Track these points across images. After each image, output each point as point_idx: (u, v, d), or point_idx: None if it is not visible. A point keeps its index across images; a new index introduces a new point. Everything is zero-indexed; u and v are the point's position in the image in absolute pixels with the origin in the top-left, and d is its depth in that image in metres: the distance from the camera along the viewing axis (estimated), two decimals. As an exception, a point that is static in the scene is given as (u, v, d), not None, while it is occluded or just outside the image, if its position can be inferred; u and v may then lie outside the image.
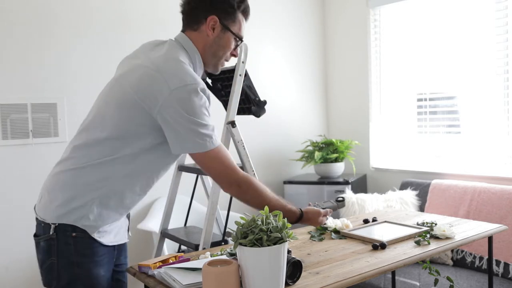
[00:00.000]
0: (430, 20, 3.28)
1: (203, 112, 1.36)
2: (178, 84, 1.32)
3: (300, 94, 3.82)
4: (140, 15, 2.93)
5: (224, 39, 1.51)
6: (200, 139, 1.36)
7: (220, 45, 1.51)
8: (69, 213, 1.38)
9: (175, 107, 1.32)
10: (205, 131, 1.36)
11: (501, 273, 2.50)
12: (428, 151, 3.37)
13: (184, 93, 1.32)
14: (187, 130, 1.34)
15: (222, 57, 1.55)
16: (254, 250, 1.13)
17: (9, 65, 2.50)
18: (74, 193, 1.38)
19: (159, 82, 1.33)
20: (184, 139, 1.35)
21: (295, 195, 3.42)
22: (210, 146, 1.38)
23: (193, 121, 1.34)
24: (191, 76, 1.36)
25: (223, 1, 1.48)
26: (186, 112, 1.33)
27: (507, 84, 2.92)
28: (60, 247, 1.37)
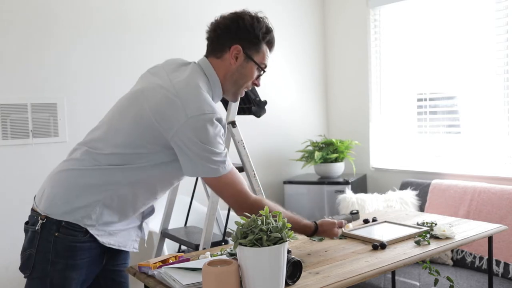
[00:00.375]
0: (430, 20, 3.28)
1: (217, 141, 1.39)
2: (196, 112, 1.35)
3: (300, 94, 3.82)
4: (140, 16, 2.93)
5: (246, 68, 1.52)
6: (213, 165, 1.38)
7: (242, 74, 1.52)
8: (74, 212, 1.41)
9: (189, 135, 1.35)
10: (218, 158, 1.39)
11: (501, 273, 2.50)
12: (428, 151, 3.37)
13: (200, 122, 1.35)
14: (200, 157, 1.37)
15: (243, 86, 1.56)
16: (254, 250, 1.13)
17: (9, 65, 2.50)
18: (79, 192, 1.42)
19: (177, 107, 1.36)
20: (196, 164, 1.38)
21: (295, 195, 3.42)
22: (222, 171, 1.40)
23: (206, 149, 1.37)
24: (209, 105, 1.38)
25: (248, 32, 1.49)
26: (200, 140, 1.35)
27: (507, 84, 2.92)
28: (41, 242, 1.42)
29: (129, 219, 1.55)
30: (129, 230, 1.57)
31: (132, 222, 1.57)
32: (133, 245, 1.60)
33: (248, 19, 1.50)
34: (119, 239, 1.52)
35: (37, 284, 1.44)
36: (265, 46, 1.54)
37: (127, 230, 1.56)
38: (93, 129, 1.57)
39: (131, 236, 1.58)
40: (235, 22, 1.49)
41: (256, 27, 1.50)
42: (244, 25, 1.49)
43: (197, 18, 3.17)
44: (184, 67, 1.52)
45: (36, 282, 1.44)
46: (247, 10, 1.53)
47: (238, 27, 1.49)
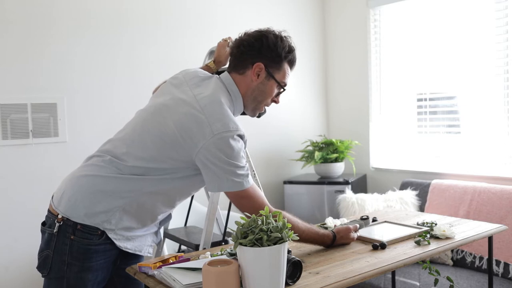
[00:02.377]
0: (430, 20, 3.28)
1: (240, 156, 1.42)
2: (222, 129, 1.38)
3: (300, 94, 3.82)
4: (140, 16, 2.93)
5: (267, 85, 1.56)
6: (237, 178, 1.41)
7: (262, 91, 1.56)
8: (95, 216, 1.45)
9: (215, 151, 1.38)
10: (241, 171, 1.42)
11: (501, 273, 2.50)
12: (428, 151, 3.37)
13: (225, 139, 1.38)
14: (225, 171, 1.40)
15: (262, 103, 1.59)
16: (254, 250, 1.13)
17: (9, 65, 2.50)
18: (101, 198, 1.45)
19: (203, 124, 1.39)
20: (221, 179, 1.41)
21: (295, 195, 3.42)
22: (246, 185, 1.43)
23: (231, 164, 1.40)
24: (233, 122, 1.42)
25: (271, 50, 1.52)
26: (225, 156, 1.39)
27: (507, 84, 2.92)
28: (57, 244, 1.45)
29: (147, 226, 1.58)
30: (146, 236, 1.60)
31: (150, 228, 1.60)
32: (148, 250, 1.63)
33: (272, 38, 1.53)
34: (136, 244, 1.56)
35: (54, 284, 1.46)
36: (287, 65, 1.58)
37: (144, 236, 1.59)
38: (113, 138, 1.58)
39: (147, 241, 1.62)
40: (259, 40, 1.53)
41: (279, 46, 1.53)
42: (267, 43, 1.52)
43: (197, 18, 3.17)
44: (206, 81, 1.55)
45: (53, 282, 1.47)
46: (271, 29, 1.57)
47: (261, 45, 1.52)
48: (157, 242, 1.69)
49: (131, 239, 1.53)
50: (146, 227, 1.57)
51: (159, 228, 1.69)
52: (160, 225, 1.68)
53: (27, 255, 2.51)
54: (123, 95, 2.83)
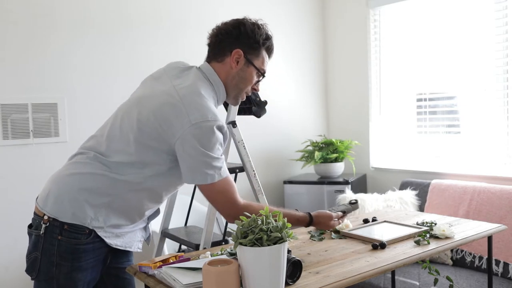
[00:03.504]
0: (430, 20, 3.28)
1: (217, 147, 1.42)
2: (199, 119, 1.38)
3: (300, 94, 3.82)
4: (141, 15, 2.93)
5: (246, 72, 1.56)
6: (210, 170, 1.41)
7: (242, 78, 1.56)
8: (83, 214, 1.44)
9: (192, 141, 1.38)
10: (215, 163, 1.42)
11: (501, 272, 2.51)
12: (427, 151, 3.37)
13: (202, 128, 1.38)
14: (198, 161, 1.40)
15: (243, 90, 1.59)
16: (254, 250, 1.13)
17: (9, 65, 2.50)
18: (87, 196, 1.45)
19: (181, 113, 1.39)
20: (195, 171, 1.41)
21: (295, 195, 3.42)
22: (217, 177, 1.43)
23: (205, 154, 1.40)
24: (212, 112, 1.41)
25: (249, 37, 1.53)
26: (201, 146, 1.39)
27: (507, 84, 2.92)
28: (45, 245, 1.44)
29: (135, 222, 1.58)
30: (135, 232, 1.61)
31: (138, 224, 1.61)
32: (137, 245, 1.63)
33: (250, 25, 1.54)
34: (126, 240, 1.56)
35: (44, 286, 1.46)
36: (265, 52, 1.58)
37: (133, 232, 1.59)
38: (96, 134, 1.58)
39: (136, 237, 1.62)
40: (237, 28, 1.54)
41: (256, 33, 1.54)
42: (245, 30, 1.53)
43: (198, 18, 3.17)
44: (186, 72, 1.55)
45: (43, 284, 1.46)
46: (248, 17, 1.58)
47: (239, 33, 1.53)
48: (146, 237, 1.69)
49: (121, 236, 1.53)
50: (134, 224, 1.57)
51: (148, 223, 1.69)
52: (148, 220, 1.68)
53: (28, 255, 2.51)
54: (123, 95, 2.81)
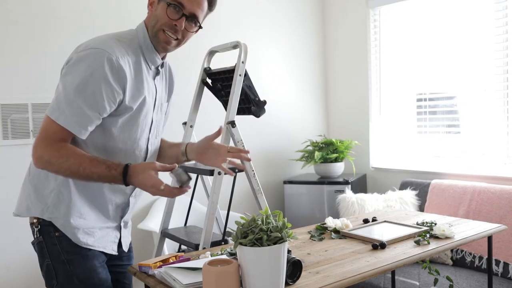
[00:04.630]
0: (430, 20, 3.28)
1: (93, 83, 1.35)
2: (85, 47, 1.39)
3: (300, 94, 3.82)
4: (141, 15, 2.92)
5: (158, 9, 1.44)
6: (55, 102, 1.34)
7: (155, 16, 1.44)
8: (35, 206, 1.41)
9: (69, 66, 1.41)
10: (71, 98, 1.34)
11: (501, 272, 2.51)
12: (427, 151, 3.37)
13: (85, 52, 1.36)
14: (59, 84, 1.39)
15: (159, 29, 1.43)
16: (254, 249, 1.13)
17: (9, 65, 2.50)
18: (35, 184, 1.42)
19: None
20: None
21: (295, 195, 3.42)
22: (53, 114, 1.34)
23: (69, 80, 1.36)
24: (108, 45, 1.37)
25: None
26: (74, 71, 1.37)
27: (506, 84, 2.92)
28: (49, 248, 1.41)
29: (104, 215, 1.47)
30: (106, 230, 1.50)
31: (109, 221, 1.50)
32: (111, 246, 1.52)
33: None
34: (98, 240, 1.46)
35: (66, 287, 1.41)
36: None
37: (104, 230, 1.49)
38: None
39: (109, 237, 1.51)
40: None
41: None
42: None
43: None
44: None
45: (67, 286, 1.41)
46: None
47: None
48: (123, 238, 1.56)
49: (91, 234, 1.43)
50: (103, 217, 1.47)
51: (120, 221, 1.55)
52: (120, 218, 1.55)
53: (28, 255, 2.51)
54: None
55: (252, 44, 2.78)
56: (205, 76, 2.32)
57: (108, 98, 1.33)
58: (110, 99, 1.33)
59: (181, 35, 1.45)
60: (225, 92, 2.25)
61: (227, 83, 2.21)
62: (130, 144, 1.46)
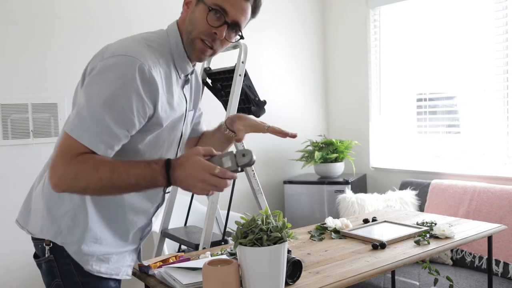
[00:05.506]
0: (430, 20, 3.28)
1: (124, 95, 1.18)
2: (113, 53, 1.19)
3: (300, 94, 3.82)
4: (142, 15, 2.93)
5: (196, 12, 1.24)
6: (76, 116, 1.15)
7: (192, 20, 1.25)
8: (57, 229, 1.25)
9: (94, 72, 1.22)
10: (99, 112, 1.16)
11: (501, 272, 2.51)
12: (427, 151, 3.37)
13: (113, 59, 1.17)
14: (82, 96, 1.20)
15: (193, 34, 1.25)
16: (254, 250, 1.13)
17: (9, 65, 2.50)
18: (50, 201, 1.26)
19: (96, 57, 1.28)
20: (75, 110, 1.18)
21: (295, 195, 3.42)
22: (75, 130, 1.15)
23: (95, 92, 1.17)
24: (139, 52, 1.17)
25: None
26: (99, 79, 1.19)
27: (506, 84, 2.92)
28: (60, 268, 1.27)
29: (122, 239, 1.34)
30: (124, 254, 1.36)
31: (128, 244, 1.37)
32: (126, 271, 1.37)
33: None
34: (111, 266, 1.32)
35: None
36: None
37: (121, 254, 1.35)
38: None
39: (125, 261, 1.37)
40: None
41: None
42: None
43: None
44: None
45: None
46: None
47: None
48: (135, 261, 1.44)
49: (106, 260, 1.29)
50: (121, 241, 1.33)
51: (140, 243, 1.44)
52: (141, 240, 1.43)
53: (28, 255, 2.50)
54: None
55: (252, 44, 2.78)
56: (205, 76, 2.32)
57: (139, 113, 1.15)
58: (141, 114, 1.16)
59: (219, 44, 1.27)
60: (225, 92, 2.25)
61: (227, 83, 2.21)
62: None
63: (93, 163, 1.11)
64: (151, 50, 1.20)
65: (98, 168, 1.10)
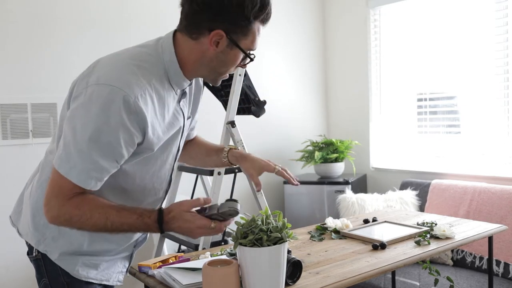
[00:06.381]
0: (430, 20, 3.28)
1: (111, 129, 1.15)
2: (97, 81, 1.13)
3: (300, 94, 3.82)
4: (142, 15, 2.93)
5: (229, 55, 1.20)
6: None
7: (222, 61, 1.21)
8: (41, 236, 1.27)
9: (78, 101, 1.15)
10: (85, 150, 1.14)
11: (501, 273, 2.50)
12: (428, 151, 3.37)
13: (98, 92, 1.12)
14: (66, 126, 1.17)
15: (223, 73, 1.26)
16: (254, 250, 1.13)
17: (9, 65, 2.50)
18: (36, 208, 1.28)
19: (82, 79, 1.20)
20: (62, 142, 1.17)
21: (295, 195, 3.42)
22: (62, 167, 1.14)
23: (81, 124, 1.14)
24: (126, 82, 1.12)
25: (235, 12, 1.13)
26: (84, 111, 1.14)
27: (507, 84, 2.92)
28: (47, 267, 1.27)
29: (115, 249, 1.33)
30: (114, 261, 1.35)
31: (121, 252, 1.36)
32: (117, 278, 1.36)
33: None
34: (101, 272, 1.31)
35: None
36: (258, 25, 1.19)
37: (112, 261, 1.34)
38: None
39: (116, 268, 1.36)
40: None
41: (247, 6, 1.13)
42: (230, 3, 1.12)
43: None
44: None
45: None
46: None
47: (222, 6, 1.12)
48: (127, 268, 1.42)
49: (93, 266, 1.29)
50: (113, 251, 1.33)
51: (134, 251, 1.43)
52: (135, 248, 1.43)
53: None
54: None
55: (252, 44, 2.77)
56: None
57: (127, 144, 1.13)
58: (129, 144, 1.13)
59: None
60: (225, 92, 2.25)
61: (227, 83, 2.21)
62: (149, 178, 1.29)
63: (86, 209, 1.12)
64: (141, 72, 1.14)
65: (91, 215, 1.12)
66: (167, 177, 1.37)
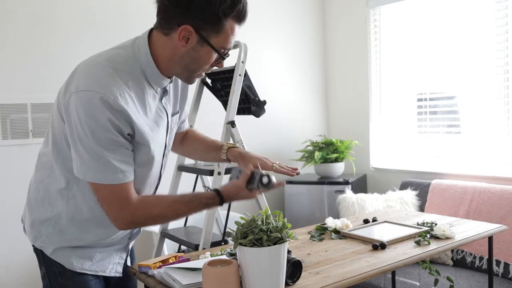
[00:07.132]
0: (430, 20, 3.28)
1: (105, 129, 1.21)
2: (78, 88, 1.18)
3: (300, 94, 3.82)
4: (142, 15, 2.92)
5: (200, 52, 1.20)
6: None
7: (194, 59, 1.21)
8: (37, 233, 1.32)
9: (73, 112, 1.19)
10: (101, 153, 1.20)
11: (501, 273, 2.50)
12: (428, 151, 3.37)
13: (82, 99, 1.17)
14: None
15: (197, 71, 1.26)
16: (254, 250, 1.13)
17: (9, 65, 2.50)
18: (33, 205, 1.34)
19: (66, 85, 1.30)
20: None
21: (295, 195, 3.42)
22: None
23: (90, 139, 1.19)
24: (103, 84, 1.16)
25: (203, 8, 1.13)
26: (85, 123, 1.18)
27: (507, 84, 2.92)
28: (44, 257, 1.33)
29: (108, 241, 1.36)
30: (109, 252, 1.38)
31: (114, 244, 1.39)
32: (115, 268, 1.40)
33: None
34: (96, 263, 1.35)
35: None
36: (230, 23, 1.18)
37: (106, 252, 1.38)
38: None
39: (112, 259, 1.40)
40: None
41: (214, 2, 1.13)
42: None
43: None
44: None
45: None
46: None
47: (191, 1, 1.13)
48: (125, 258, 1.45)
49: (88, 258, 1.33)
50: (106, 243, 1.36)
51: (129, 242, 1.46)
52: (130, 240, 1.46)
53: (28, 255, 2.51)
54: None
55: (252, 44, 2.77)
56: (205, 76, 2.32)
57: (123, 134, 1.18)
58: (124, 135, 1.19)
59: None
60: (225, 92, 2.25)
61: (227, 83, 2.21)
62: (140, 176, 1.31)
63: (158, 211, 1.24)
64: (117, 73, 1.17)
65: (164, 212, 1.25)
66: (157, 173, 1.41)
